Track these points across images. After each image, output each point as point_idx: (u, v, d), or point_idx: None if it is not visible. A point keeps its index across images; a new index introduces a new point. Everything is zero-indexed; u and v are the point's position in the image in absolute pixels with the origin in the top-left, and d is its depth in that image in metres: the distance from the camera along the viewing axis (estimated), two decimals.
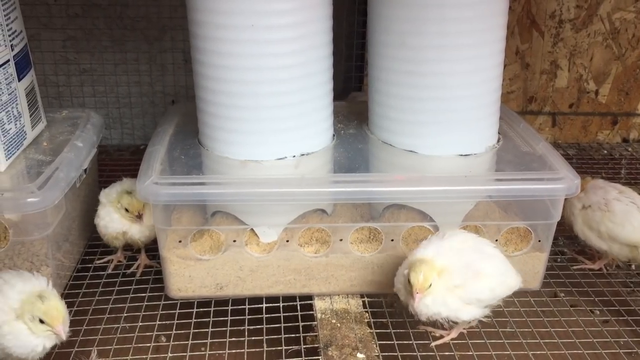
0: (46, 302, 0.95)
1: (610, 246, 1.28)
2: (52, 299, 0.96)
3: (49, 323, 0.94)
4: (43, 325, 0.94)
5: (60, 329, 0.95)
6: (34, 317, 0.94)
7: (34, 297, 0.95)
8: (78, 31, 1.81)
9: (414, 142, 1.25)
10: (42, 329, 0.95)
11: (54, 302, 0.95)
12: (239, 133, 1.19)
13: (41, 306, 0.94)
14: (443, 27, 1.16)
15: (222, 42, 1.13)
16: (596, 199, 1.30)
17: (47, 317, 0.94)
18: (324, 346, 1.09)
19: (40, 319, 0.94)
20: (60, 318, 0.95)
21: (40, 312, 0.94)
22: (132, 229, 1.27)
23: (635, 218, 1.25)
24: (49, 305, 0.95)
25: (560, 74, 1.96)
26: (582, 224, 1.31)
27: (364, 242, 1.22)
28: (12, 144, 1.19)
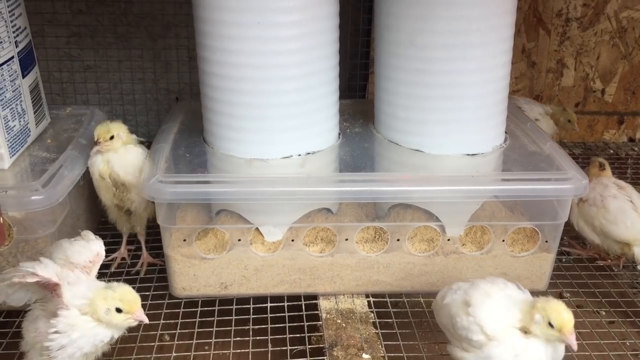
0: (117, 290, 0.92)
1: (603, 240, 1.30)
2: (121, 286, 0.93)
3: (128, 310, 0.92)
4: (122, 314, 0.92)
5: (141, 312, 0.93)
6: (109, 309, 0.91)
7: (102, 290, 0.92)
8: (82, 28, 1.81)
9: (420, 141, 1.24)
10: (122, 317, 0.92)
11: (125, 289, 0.93)
12: (245, 131, 1.18)
13: (114, 295, 0.91)
14: (452, 26, 1.15)
15: (228, 40, 1.12)
16: (593, 195, 1.31)
17: (125, 305, 0.91)
18: (329, 346, 1.08)
19: (117, 307, 0.91)
20: (138, 302, 0.93)
21: (116, 302, 0.91)
22: (113, 163, 1.18)
23: (629, 217, 1.27)
24: (123, 291, 0.92)
25: (567, 73, 1.95)
26: (578, 216, 1.34)
27: (369, 241, 1.21)
28: (16, 141, 1.18)
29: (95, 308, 0.92)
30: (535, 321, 0.91)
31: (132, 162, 1.20)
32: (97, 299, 0.92)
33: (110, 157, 1.19)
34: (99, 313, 0.92)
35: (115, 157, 1.19)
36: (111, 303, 0.92)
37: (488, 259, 1.21)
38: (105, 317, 0.92)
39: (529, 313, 0.92)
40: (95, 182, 1.22)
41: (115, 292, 0.92)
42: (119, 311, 0.92)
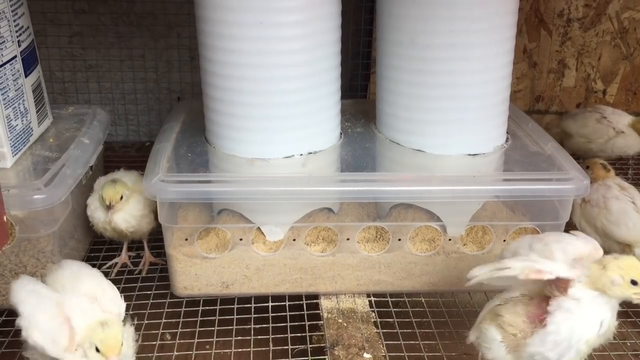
0: (106, 330, 0.89)
1: (604, 241, 1.28)
2: (114, 328, 0.90)
3: (103, 352, 0.88)
4: (98, 354, 0.88)
5: (114, 359, 0.89)
6: (91, 344, 0.89)
7: (96, 324, 0.90)
8: (84, 27, 1.81)
9: (422, 141, 1.24)
10: (97, 357, 0.89)
11: (113, 332, 0.89)
12: (247, 131, 1.18)
13: (98, 334, 0.89)
14: (453, 26, 1.15)
15: (229, 39, 1.12)
16: (596, 196, 1.31)
17: (103, 346, 0.88)
18: (330, 346, 1.09)
19: (97, 347, 0.89)
20: (115, 350, 0.89)
21: (97, 341, 0.88)
22: (116, 218, 1.22)
23: (631, 218, 1.26)
24: (106, 334, 0.89)
25: (568, 73, 1.95)
26: (580, 217, 1.33)
27: (370, 241, 1.21)
28: (18, 141, 1.19)
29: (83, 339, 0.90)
30: (614, 283, 0.89)
31: (133, 214, 1.24)
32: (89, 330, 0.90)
33: (130, 210, 1.24)
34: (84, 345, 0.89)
35: (116, 215, 1.23)
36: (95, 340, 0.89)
37: (489, 258, 1.21)
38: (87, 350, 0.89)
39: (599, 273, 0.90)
40: (95, 226, 1.27)
41: (103, 331, 0.89)
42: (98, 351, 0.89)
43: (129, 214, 1.24)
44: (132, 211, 1.24)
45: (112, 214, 1.21)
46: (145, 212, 1.26)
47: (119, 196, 1.21)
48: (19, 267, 1.15)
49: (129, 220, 1.24)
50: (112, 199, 1.20)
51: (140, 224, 1.26)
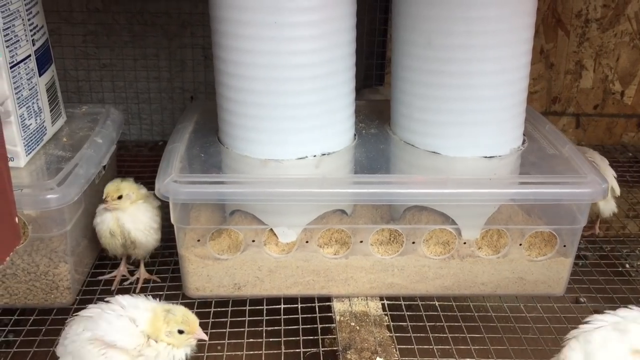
0: (177, 312, 0.95)
1: None
2: (179, 309, 0.96)
3: (189, 330, 0.95)
4: (183, 334, 0.95)
5: (201, 331, 0.96)
6: (171, 332, 0.94)
7: (162, 314, 0.95)
8: (98, 26, 1.81)
9: (437, 143, 1.23)
10: (184, 338, 0.95)
11: (183, 310, 0.96)
12: (260, 131, 1.18)
13: (176, 318, 0.94)
14: (470, 27, 1.13)
15: (244, 39, 1.12)
16: None
17: (185, 326, 0.95)
18: (342, 349, 1.08)
19: (179, 330, 0.94)
20: (196, 322, 0.96)
21: (177, 324, 0.94)
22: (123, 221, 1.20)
23: None
24: (181, 314, 0.95)
25: (585, 75, 1.93)
26: None
27: (384, 244, 1.20)
28: (32, 140, 1.18)
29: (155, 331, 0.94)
30: None
31: (142, 219, 1.22)
32: (157, 322, 0.94)
33: (119, 215, 1.20)
34: (161, 335, 0.94)
35: (125, 215, 1.20)
36: (173, 327, 0.94)
37: (504, 262, 1.20)
38: (166, 339, 0.94)
39: None
40: (102, 239, 1.23)
41: (175, 315, 0.95)
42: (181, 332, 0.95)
43: (137, 219, 1.21)
44: (142, 217, 1.22)
45: (104, 210, 1.19)
46: (154, 226, 1.24)
47: (117, 194, 1.19)
48: (32, 267, 1.15)
49: (137, 224, 1.21)
50: (109, 194, 1.18)
51: (146, 234, 1.22)
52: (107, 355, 0.90)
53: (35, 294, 1.17)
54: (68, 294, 1.18)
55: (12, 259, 1.13)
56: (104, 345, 0.90)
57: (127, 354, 0.91)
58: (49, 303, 1.18)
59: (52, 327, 1.16)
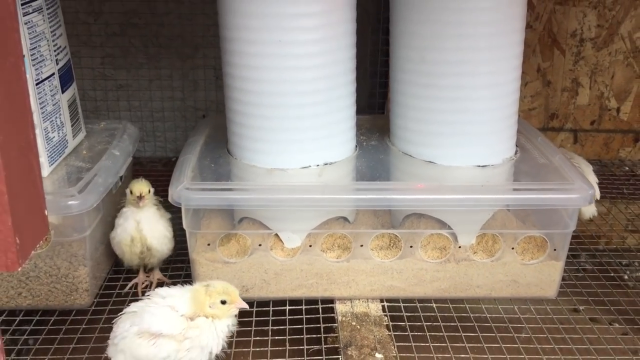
0: (217, 285, 1.00)
1: None
2: (218, 282, 1.02)
3: (231, 300, 1.00)
4: (226, 305, 1.00)
5: (242, 300, 1.01)
6: (214, 303, 0.99)
7: (202, 289, 1.00)
8: (116, 49, 1.91)
9: (433, 152, 1.30)
10: (227, 308, 1.00)
11: (223, 283, 1.01)
12: (266, 142, 1.26)
13: (216, 289, 0.99)
14: (460, 43, 1.21)
15: (250, 56, 1.20)
16: None
17: (227, 296, 1.00)
18: (343, 346, 1.14)
19: (221, 300, 0.99)
20: (236, 292, 1.01)
21: (219, 295, 0.99)
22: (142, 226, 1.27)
23: None
24: (221, 285, 1.00)
25: (582, 92, 2.00)
26: None
27: (384, 248, 1.27)
28: (55, 152, 1.27)
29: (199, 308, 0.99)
30: None
31: (158, 228, 1.30)
32: (198, 299, 0.99)
33: (139, 220, 1.28)
34: (204, 310, 0.99)
35: (143, 222, 1.28)
36: (216, 298, 1.00)
37: (498, 266, 1.26)
38: (210, 311, 1.00)
39: None
40: (122, 246, 1.30)
41: (215, 288, 1.00)
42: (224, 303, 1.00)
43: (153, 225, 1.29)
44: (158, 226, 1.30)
45: (142, 205, 1.27)
46: (168, 235, 1.32)
47: (147, 189, 1.28)
48: (53, 269, 1.23)
49: (154, 231, 1.29)
50: (141, 190, 1.27)
51: (161, 242, 1.30)
52: (156, 344, 0.96)
53: (56, 296, 1.24)
54: (86, 296, 1.26)
55: (36, 262, 1.21)
56: (151, 335, 0.97)
57: (174, 339, 0.97)
58: (69, 304, 1.26)
59: (71, 326, 1.23)
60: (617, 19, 1.91)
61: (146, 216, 1.28)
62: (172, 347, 0.97)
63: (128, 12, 1.87)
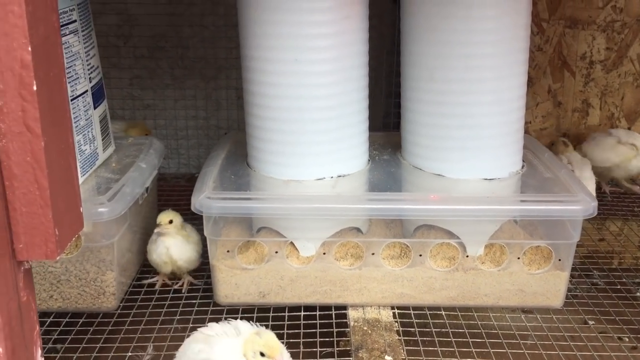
0: (263, 335, 1.03)
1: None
2: (266, 333, 1.04)
3: (270, 354, 1.02)
4: (264, 358, 1.02)
5: (281, 357, 1.03)
6: (255, 352, 1.02)
7: (251, 336, 1.04)
8: (143, 70, 2.02)
9: (441, 166, 1.37)
10: None
11: (269, 335, 1.04)
12: (283, 155, 1.33)
13: (260, 341, 1.02)
14: (468, 63, 1.28)
15: (268, 74, 1.29)
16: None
17: (267, 349, 1.02)
18: (355, 349, 1.20)
19: (261, 352, 1.02)
20: (277, 348, 1.03)
21: (259, 347, 1.02)
22: (172, 252, 1.38)
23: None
24: (266, 337, 1.03)
25: (592, 112, 2.05)
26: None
27: (395, 257, 1.33)
28: (86, 163, 1.36)
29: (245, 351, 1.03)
30: None
31: (185, 252, 1.39)
32: (248, 343, 1.03)
33: (169, 244, 1.38)
34: (248, 355, 1.02)
35: (173, 247, 1.38)
36: (257, 348, 1.02)
37: (505, 275, 1.31)
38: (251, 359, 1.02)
39: None
40: (156, 265, 1.42)
41: (261, 338, 1.03)
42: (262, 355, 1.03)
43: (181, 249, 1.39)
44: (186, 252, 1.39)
45: (158, 235, 1.38)
46: (196, 256, 1.42)
47: (167, 219, 1.38)
48: (83, 274, 1.31)
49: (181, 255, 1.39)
50: (161, 220, 1.38)
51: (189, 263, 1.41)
52: None
53: (85, 299, 1.32)
54: (113, 300, 1.33)
55: (67, 266, 1.29)
56: None
57: None
58: (96, 307, 1.33)
59: (98, 328, 1.30)
60: (626, 42, 1.97)
61: (175, 242, 1.38)
62: None
63: (155, 35, 1.98)
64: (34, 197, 0.72)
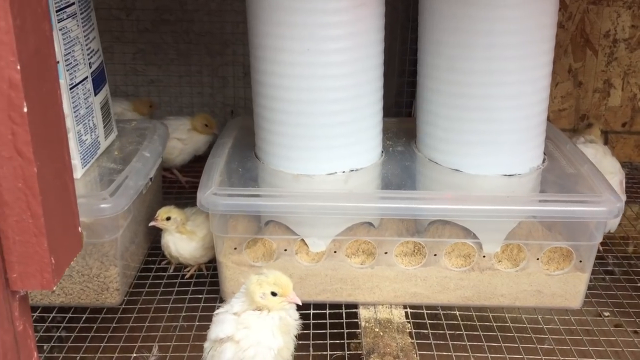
0: (269, 275, 0.96)
1: None
2: (272, 271, 0.97)
3: (282, 293, 0.95)
4: (276, 297, 0.95)
5: (294, 294, 0.97)
6: (264, 294, 0.95)
7: (254, 277, 0.96)
8: (147, 45, 1.94)
9: (459, 161, 1.30)
10: (277, 300, 0.95)
11: (276, 273, 0.96)
12: (293, 149, 1.27)
13: (267, 279, 0.95)
14: (490, 53, 1.21)
15: (279, 64, 1.21)
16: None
17: (278, 288, 0.95)
18: (366, 353, 1.16)
19: (272, 292, 0.95)
20: (289, 285, 0.96)
21: (269, 286, 0.95)
22: (177, 247, 1.35)
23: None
24: (273, 276, 0.96)
25: (614, 93, 1.97)
26: None
27: (408, 255, 1.28)
28: (87, 154, 1.30)
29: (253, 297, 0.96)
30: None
31: (190, 250, 1.36)
32: (253, 288, 0.95)
33: (167, 239, 1.36)
34: (256, 299, 0.95)
35: (171, 241, 1.36)
36: (267, 289, 0.96)
37: (523, 276, 1.26)
38: (261, 301, 0.95)
39: None
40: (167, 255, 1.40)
41: (268, 277, 0.96)
42: (274, 295, 0.95)
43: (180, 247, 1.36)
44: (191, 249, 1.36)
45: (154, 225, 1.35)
46: (202, 252, 1.38)
47: (166, 216, 1.34)
48: (85, 269, 1.26)
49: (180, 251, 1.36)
50: (159, 214, 1.34)
51: (196, 259, 1.39)
52: (222, 349, 0.95)
53: (88, 294, 1.28)
54: (117, 295, 1.29)
55: None
56: (217, 341, 0.97)
57: (232, 340, 0.95)
58: (100, 303, 1.29)
59: (102, 324, 1.27)
60: None
61: (173, 240, 1.36)
62: (232, 349, 0.95)
63: (159, 8, 1.89)
64: (27, 225, 0.66)
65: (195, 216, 1.38)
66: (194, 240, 1.35)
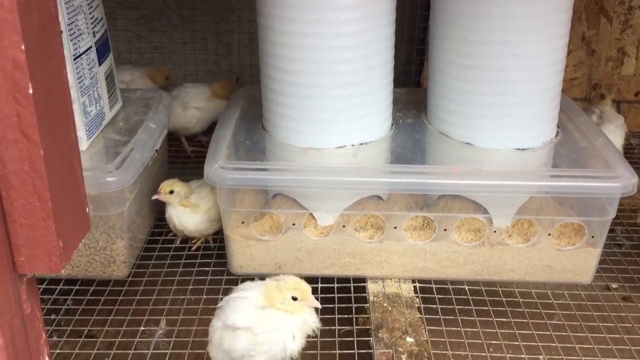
0: (288, 280, 0.99)
1: None
2: (290, 277, 1.00)
3: (302, 297, 0.98)
4: (297, 301, 0.98)
5: (314, 298, 0.99)
6: (285, 299, 0.98)
7: (274, 283, 0.99)
8: (151, 10, 1.89)
9: (471, 134, 1.28)
10: (298, 305, 0.98)
11: (294, 279, 0.99)
12: (302, 122, 1.24)
13: (286, 285, 0.98)
14: (505, 24, 1.17)
15: (288, 35, 1.18)
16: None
17: (298, 293, 0.98)
18: (375, 328, 1.15)
19: (292, 296, 0.98)
20: (308, 290, 0.99)
21: (289, 291, 0.98)
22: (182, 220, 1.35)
23: None
24: (292, 281, 0.99)
25: (627, 62, 1.92)
26: None
27: (417, 229, 1.26)
28: (92, 125, 1.28)
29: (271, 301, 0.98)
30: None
31: (190, 220, 1.35)
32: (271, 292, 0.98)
33: (171, 212, 1.35)
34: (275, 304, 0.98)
35: (174, 214, 1.35)
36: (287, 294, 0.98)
37: (533, 251, 1.25)
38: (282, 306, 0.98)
39: None
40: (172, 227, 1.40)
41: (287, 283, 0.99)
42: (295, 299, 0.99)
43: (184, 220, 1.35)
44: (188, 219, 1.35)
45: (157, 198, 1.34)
46: (207, 225, 1.37)
47: (169, 189, 1.33)
48: (92, 242, 1.25)
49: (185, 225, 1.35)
50: (162, 187, 1.33)
51: (201, 231, 1.38)
52: (235, 335, 0.96)
53: (95, 267, 1.28)
54: (124, 268, 1.28)
55: None
56: (231, 328, 0.97)
57: (249, 331, 0.97)
58: (107, 275, 1.29)
59: (109, 297, 1.27)
60: None
61: (176, 213, 1.35)
62: (247, 339, 0.96)
63: None
64: (34, 208, 0.65)
65: (200, 189, 1.36)
66: (198, 213, 1.34)
